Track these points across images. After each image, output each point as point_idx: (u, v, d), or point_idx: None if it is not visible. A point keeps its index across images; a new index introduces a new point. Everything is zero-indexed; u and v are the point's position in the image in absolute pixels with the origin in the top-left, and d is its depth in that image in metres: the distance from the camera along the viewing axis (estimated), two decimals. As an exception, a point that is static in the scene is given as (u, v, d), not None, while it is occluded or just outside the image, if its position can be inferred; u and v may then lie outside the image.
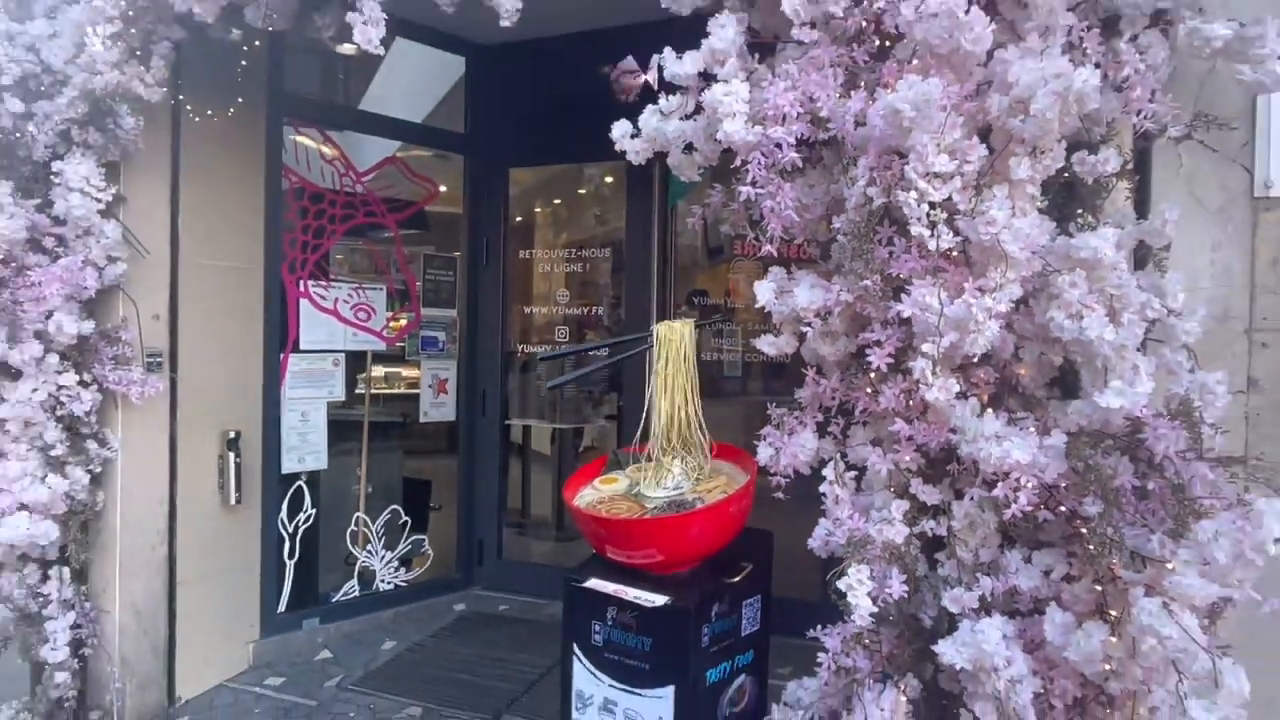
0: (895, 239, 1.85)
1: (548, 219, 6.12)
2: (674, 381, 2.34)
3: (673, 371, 2.35)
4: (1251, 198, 2.01)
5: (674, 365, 2.35)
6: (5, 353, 3.08)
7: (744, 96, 1.95)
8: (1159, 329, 1.86)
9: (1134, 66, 1.79)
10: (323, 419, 4.35)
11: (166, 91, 3.29)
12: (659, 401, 2.39)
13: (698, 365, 2.41)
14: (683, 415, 2.42)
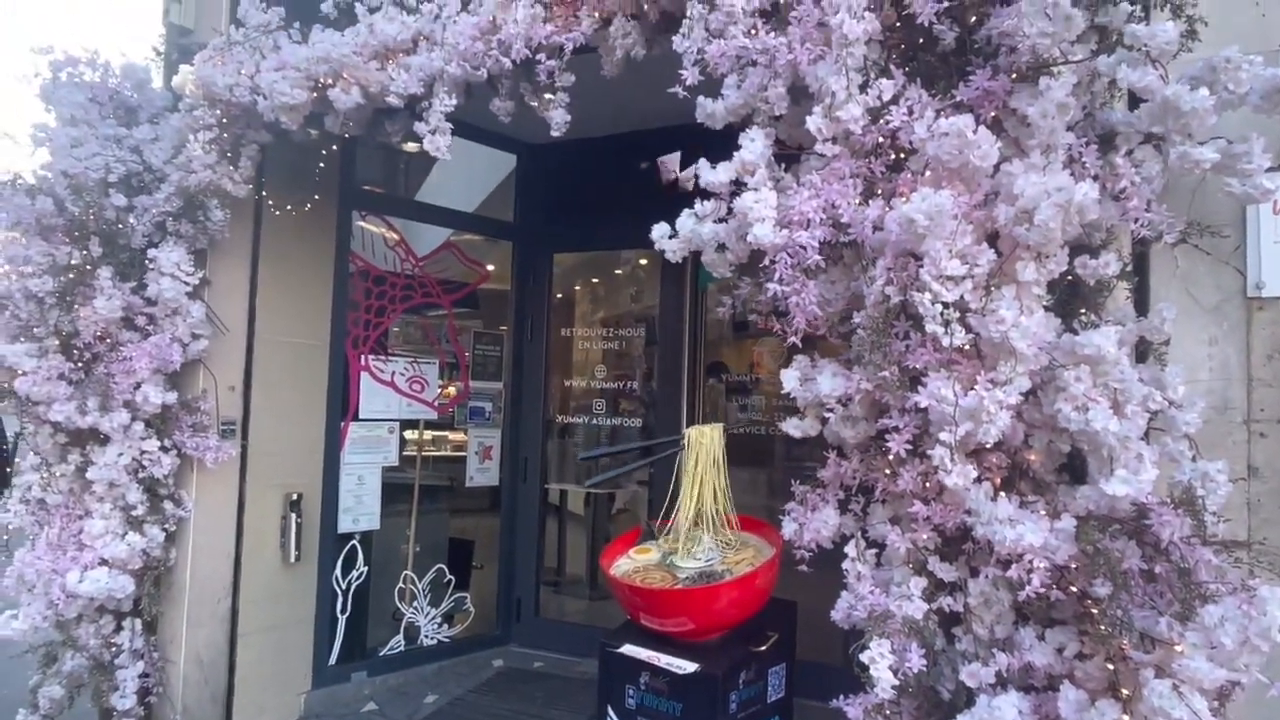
0: (911, 333, 1.89)
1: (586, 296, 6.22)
2: (704, 481, 2.36)
3: (702, 471, 2.37)
4: (1245, 297, 2.02)
5: (703, 466, 2.37)
6: (97, 420, 3.19)
7: (772, 203, 2.02)
8: (1161, 419, 1.86)
9: (1130, 179, 1.83)
10: (377, 482, 4.40)
11: (251, 187, 3.44)
12: (687, 502, 2.40)
13: (726, 460, 2.43)
14: (711, 511, 2.43)
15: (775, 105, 2.12)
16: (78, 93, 3.43)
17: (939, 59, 2.09)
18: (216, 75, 3.07)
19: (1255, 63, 1.73)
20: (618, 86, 2.76)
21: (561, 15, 2.63)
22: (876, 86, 1.95)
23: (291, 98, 2.94)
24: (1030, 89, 1.88)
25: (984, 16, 2.01)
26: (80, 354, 3.25)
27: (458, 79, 2.77)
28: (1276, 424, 1.98)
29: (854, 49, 1.93)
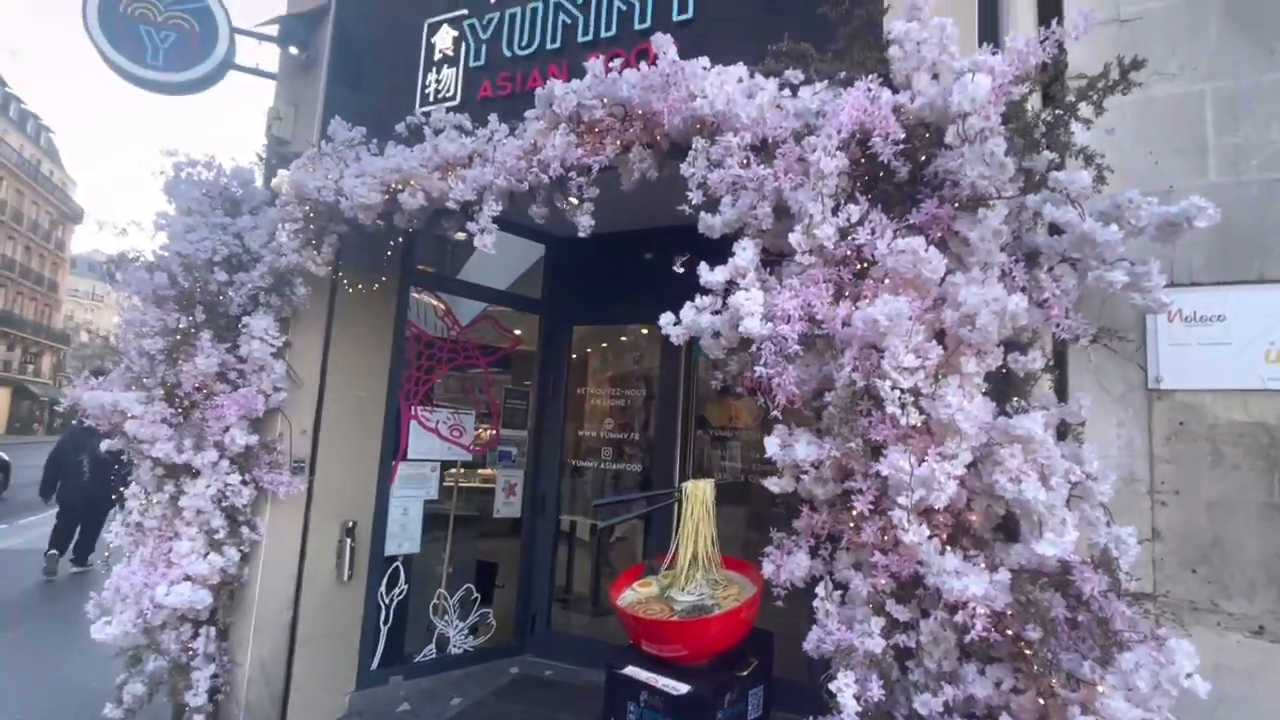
0: (872, 411, 1.89)
1: (597, 358, 6.22)
2: (698, 528, 2.34)
3: (696, 519, 2.35)
4: (1146, 389, 2.03)
5: (697, 515, 2.36)
6: (191, 457, 3.16)
7: (759, 301, 2.04)
8: (1080, 489, 1.85)
9: (1052, 292, 1.86)
10: (419, 513, 4.34)
11: (330, 269, 3.48)
12: (685, 545, 2.38)
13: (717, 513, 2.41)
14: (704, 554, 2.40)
15: (763, 221, 2.16)
16: (195, 188, 3.50)
17: (895, 187, 2.13)
18: (308, 179, 3.13)
19: (1152, 202, 1.78)
20: (632, 193, 2.81)
21: (590, 142, 2.69)
22: (846, 210, 1.99)
23: (368, 199, 2.99)
24: (970, 216, 1.93)
25: (931, 156, 2.06)
26: (180, 402, 3.24)
27: (503, 189, 2.82)
28: (1175, 494, 1.97)
29: (828, 181, 1.98)
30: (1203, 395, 1.96)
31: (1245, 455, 1.90)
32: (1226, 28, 2.06)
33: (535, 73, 3.17)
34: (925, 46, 2.15)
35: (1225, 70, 2.04)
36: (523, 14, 3.25)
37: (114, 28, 3.85)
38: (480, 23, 3.36)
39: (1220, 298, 1.96)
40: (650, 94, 2.48)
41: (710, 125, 2.35)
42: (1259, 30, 2.03)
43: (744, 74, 2.46)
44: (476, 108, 3.23)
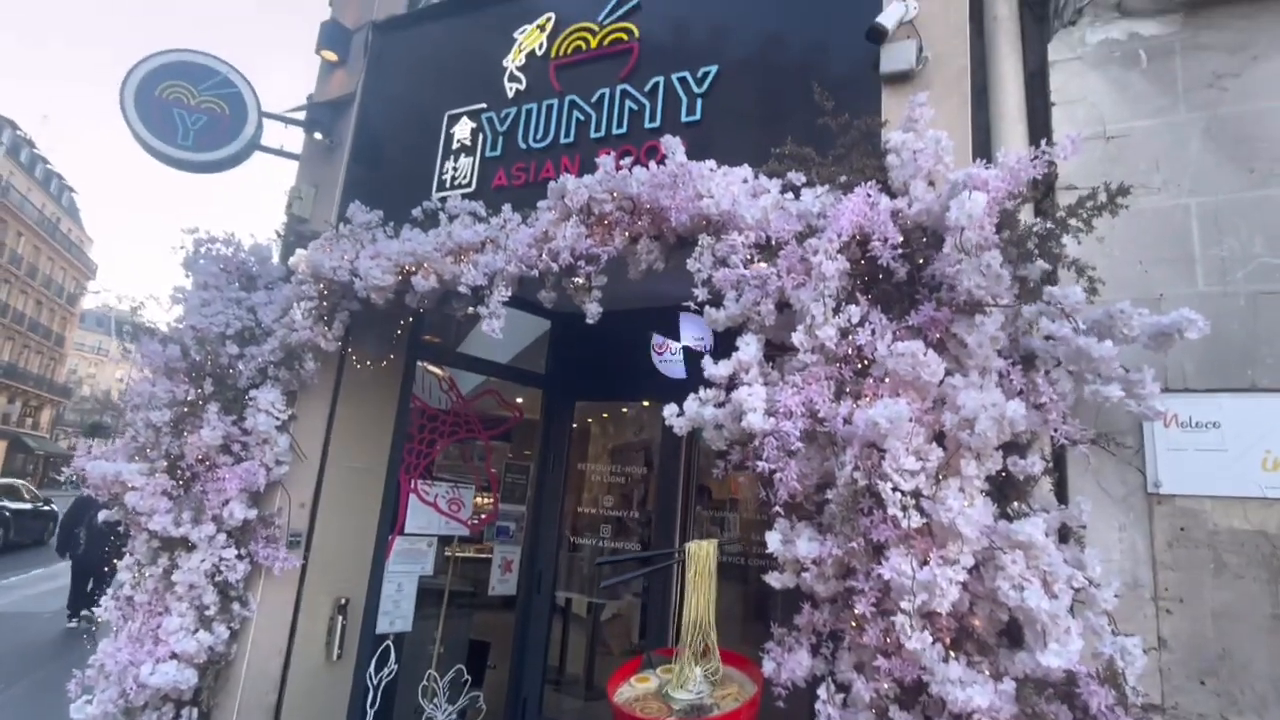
0: (874, 509, 1.89)
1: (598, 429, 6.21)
2: (699, 587, 2.31)
3: (698, 579, 2.33)
4: (1146, 493, 2.04)
5: (699, 574, 2.33)
6: (189, 530, 3.13)
7: (762, 396, 2.08)
8: (1083, 594, 1.83)
9: (1049, 396, 1.89)
10: (414, 589, 4.25)
11: (340, 344, 3.53)
12: (689, 602, 2.35)
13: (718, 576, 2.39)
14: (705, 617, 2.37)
15: (766, 317, 2.22)
16: (213, 264, 3.59)
17: (894, 287, 2.20)
18: (324, 259, 3.22)
19: (1143, 313, 1.83)
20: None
21: (599, 233, 2.79)
22: (846, 311, 2.05)
23: (381, 280, 3.07)
24: (968, 320, 1.98)
25: (929, 259, 2.14)
26: (182, 474, 3.24)
27: (514, 275, 2.90)
28: (1180, 603, 1.95)
29: (829, 282, 2.05)
30: (1203, 501, 1.97)
31: (1248, 565, 1.89)
32: (1205, 147, 2.17)
33: (549, 164, 3.30)
34: (921, 156, 2.27)
35: (1207, 186, 2.14)
36: (539, 110, 3.41)
37: (149, 110, 4.04)
38: (498, 116, 3.52)
39: (1214, 404, 1.99)
40: (659, 191, 2.58)
41: (716, 223, 2.44)
42: (1236, 150, 2.13)
43: (749, 174, 2.58)
44: (491, 195, 3.36)
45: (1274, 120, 2.10)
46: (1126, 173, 2.20)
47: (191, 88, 4.16)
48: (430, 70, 3.94)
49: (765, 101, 2.96)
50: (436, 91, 3.83)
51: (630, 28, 3.30)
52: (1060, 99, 2.36)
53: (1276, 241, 2.02)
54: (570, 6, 3.52)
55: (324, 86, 4.26)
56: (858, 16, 2.77)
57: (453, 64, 3.86)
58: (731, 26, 3.11)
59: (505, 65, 3.60)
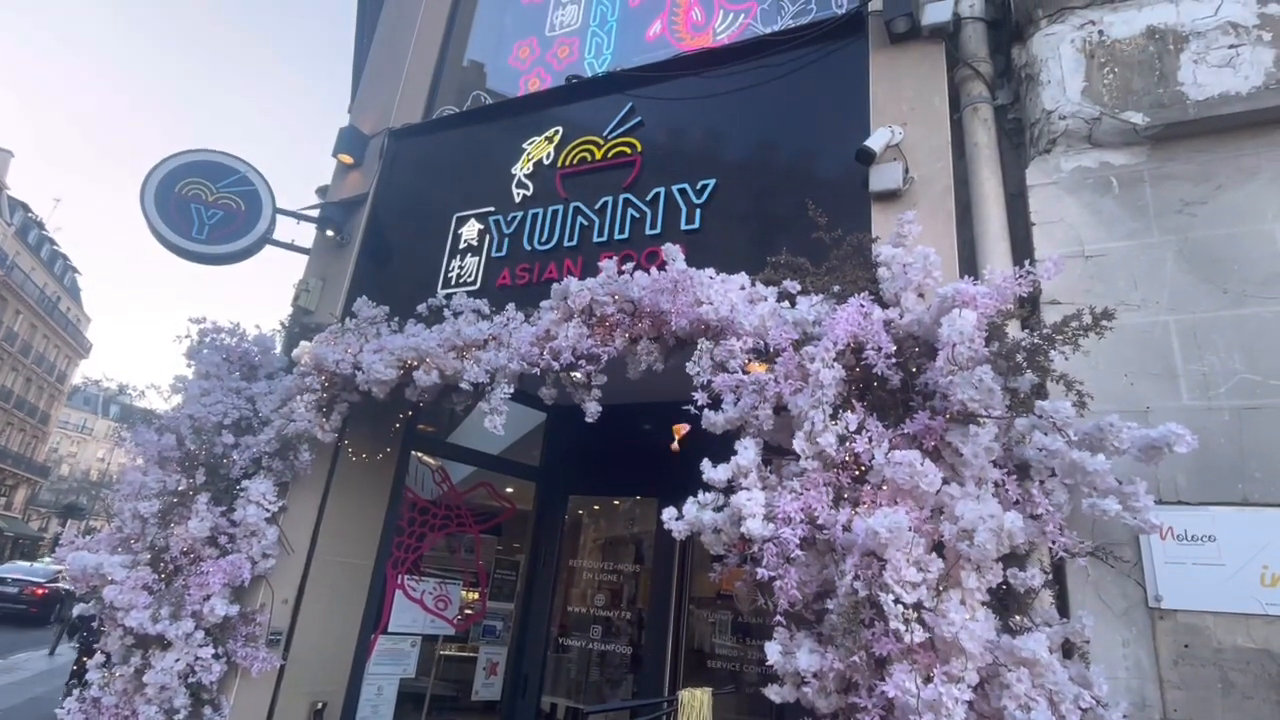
0: (875, 621, 1.86)
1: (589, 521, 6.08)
2: None
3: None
4: (1147, 607, 2.02)
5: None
6: (165, 628, 3.02)
7: (761, 502, 2.08)
8: (1091, 715, 1.79)
9: (1045, 507, 1.90)
10: (394, 693, 4.06)
11: (336, 435, 3.52)
12: None
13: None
14: None
15: (764, 422, 2.25)
16: (216, 354, 3.63)
17: (888, 394, 2.25)
18: (329, 352, 3.27)
19: (1133, 427, 1.87)
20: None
21: (600, 334, 2.86)
22: (844, 418, 2.09)
23: (384, 375, 3.11)
24: (961, 429, 2.02)
25: (922, 368, 2.20)
26: (165, 566, 3.15)
27: (515, 372, 2.95)
28: (1189, 725, 1.90)
29: (827, 390, 2.10)
30: (1205, 617, 1.95)
31: (1256, 685, 1.86)
32: (1180, 268, 2.28)
33: (552, 266, 3.42)
34: (911, 270, 2.37)
35: (1184, 305, 2.24)
36: (544, 214, 3.56)
37: (167, 206, 4.19)
38: (505, 219, 3.67)
39: (1209, 517, 2.01)
40: (660, 296, 2.67)
41: (715, 328, 2.51)
42: (1210, 271, 2.25)
43: (746, 282, 2.68)
44: (495, 294, 3.45)
45: (1242, 244, 2.22)
46: (1106, 289, 2.31)
47: (210, 185, 4.34)
48: (441, 174, 4.14)
49: (761, 213, 3.11)
50: (446, 194, 4.01)
51: (634, 142, 3.50)
52: (1040, 220, 2.50)
53: (1255, 358, 2.10)
54: (577, 121, 3.75)
55: (338, 186, 4.45)
56: (847, 137, 2.97)
57: (463, 169, 4.06)
58: (729, 143, 3.31)
59: (514, 172, 3.79)
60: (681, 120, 3.47)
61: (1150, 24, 2.51)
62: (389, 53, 4.87)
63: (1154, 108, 2.42)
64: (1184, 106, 2.38)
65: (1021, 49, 2.78)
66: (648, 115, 3.56)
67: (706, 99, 3.44)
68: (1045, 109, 2.59)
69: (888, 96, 3.01)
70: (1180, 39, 2.45)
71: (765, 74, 3.34)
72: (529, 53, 4.55)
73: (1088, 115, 2.51)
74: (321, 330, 3.80)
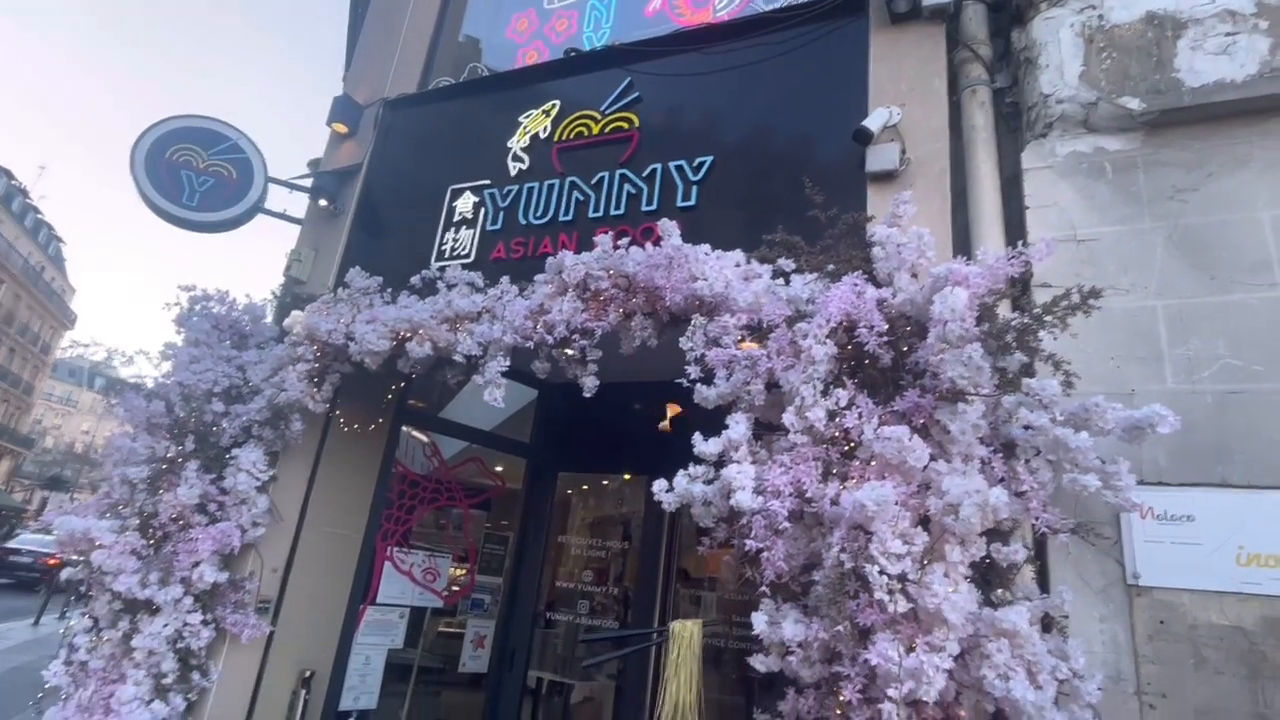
0: (860, 593, 1.90)
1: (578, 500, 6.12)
2: (683, 670, 2.26)
3: (681, 661, 2.28)
4: (1125, 584, 2.07)
5: (683, 656, 2.29)
6: (155, 593, 3.03)
7: (751, 475, 2.10)
8: (1067, 686, 1.83)
9: (1030, 485, 1.93)
10: (381, 663, 4.09)
11: (328, 406, 3.51)
12: (671, 686, 2.29)
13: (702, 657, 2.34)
14: (687, 700, 2.31)
15: (756, 397, 2.27)
16: (206, 321, 3.61)
17: (879, 373, 2.27)
18: (321, 322, 3.26)
19: (1117, 408, 1.91)
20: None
21: (595, 308, 2.86)
22: (835, 394, 2.11)
23: (376, 345, 3.11)
24: (950, 407, 2.04)
25: (913, 346, 2.22)
26: (154, 532, 3.15)
27: (509, 345, 2.95)
28: (1162, 698, 1.95)
29: (818, 366, 2.12)
30: (1180, 594, 2.00)
31: (1228, 660, 1.91)
32: (1169, 254, 2.31)
33: (547, 240, 3.41)
34: (905, 250, 2.39)
35: (1171, 290, 2.27)
36: (540, 188, 3.55)
37: (158, 171, 4.14)
38: (500, 192, 3.65)
39: (1188, 498, 2.05)
40: (654, 271, 2.68)
41: (709, 304, 2.53)
42: (1198, 258, 2.28)
43: (741, 259, 2.68)
44: (489, 267, 3.44)
45: (1231, 232, 2.25)
46: (1097, 274, 2.33)
47: (201, 151, 4.29)
48: (437, 145, 4.10)
49: (756, 191, 3.11)
50: (441, 166, 3.98)
51: (631, 117, 3.49)
52: (1033, 203, 2.52)
53: (1239, 345, 2.14)
54: (575, 95, 3.72)
55: (332, 155, 4.41)
56: (845, 117, 2.97)
57: (459, 141, 4.02)
58: (727, 121, 3.30)
59: (510, 145, 3.76)
60: (680, 97, 3.45)
61: (1150, 9, 2.51)
62: (385, 23, 4.80)
63: (1150, 94, 2.43)
64: (1180, 93, 2.39)
65: (1021, 32, 2.78)
66: (646, 91, 3.54)
67: (705, 75, 3.42)
68: (1043, 92, 2.60)
69: (887, 77, 3.01)
70: (1179, 25, 2.46)
71: (764, 51, 3.32)
72: (527, 25, 4.50)
73: (1084, 100, 2.52)
74: (314, 300, 3.78)
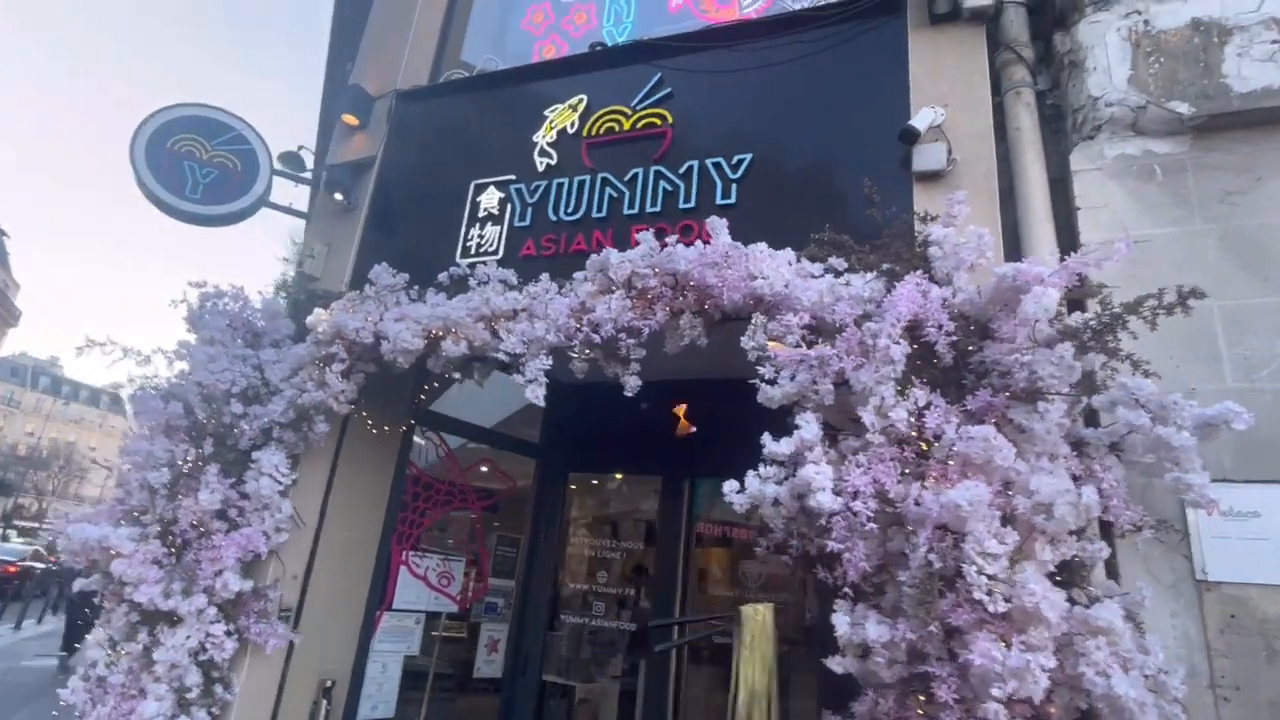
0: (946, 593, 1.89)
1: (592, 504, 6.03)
2: (756, 654, 2.23)
3: (755, 645, 2.24)
4: (1194, 580, 2.11)
5: (757, 640, 2.25)
6: (179, 603, 2.89)
7: (829, 475, 2.09)
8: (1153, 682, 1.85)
9: (1109, 482, 1.95)
10: (398, 670, 3.99)
11: (352, 406, 3.40)
12: (745, 671, 2.26)
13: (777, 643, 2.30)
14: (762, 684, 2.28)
15: (825, 397, 2.26)
16: (220, 319, 3.46)
17: (941, 373, 2.28)
18: (349, 320, 3.15)
19: (1193, 405, 1.94)
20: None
21: (640, 307, 2.82)
22: (911, 395, 2.10)
23: (411, 344, 3.02)
24: (1026, 407, 2.06)
25: (979, 349, 2.23)
26: (173, 540, 3.02)
27: (552, 344, 2.89)
28: (1235, 690, 2.00)
29: (896, 366, 2.11)
30: (1249, 589, 2.05)
31: (1299, 652, 1.96)
32: (1222, 255, 2.36)
33: (580, 237, 3.35)
34: (964, 250, 2.40)
35: (1227, 291, 2.32)
36: (570, 184, 3.49)
37: (159, 162, 3.97)
38: (528, 188, 3.58)
39: (1253, 494, 2.10)
40: (707, 269, 2.64)
41: (768, 303, 2.50)
42: (1250, 259, 2.33)
43: (792, 257, 2.67)
44: (519, 263, 3.36)
45: (1281, 235, 2.31)
46: (1152, 275, 2.36)
47: (204, 142, 4.12)
48: (456, 139, 4.00)
49: (797, 188, 3.10)
50: (461, 160, 3.88)
51: (664, 113, 3.45)
52: (1084, 204, 2.56)
53: (1295, 344, 2.19)
54: (602, 90, 3.67)
55: (341, 148, 4.27)
56: (886, 115, 2.98)
57: (480, 135, 3.94)
58: (762, 118, 3.28)
59: (535, 140, 3.69)
60: (713, 93, 3.42)
61: (1195, 16, 2.57)
62: (393, 11, 4.67)
63: (1199, 98, 2.48)
64: (1228, 98, 2.45)
65: (1065, 35, 2.81)
66: (677, 87, 3.50)
67: (738, 72, 3.40)
68: (1091, 95, 2.63)
69: (927, 77, 3.02)
70: (1225, 32, 2.51)
71: (799, 49, 3.31)
72: (543, 18, 4.42)
73: (1134, 103, 2.56)
74: (330, 296, 3.66)
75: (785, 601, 4.37)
